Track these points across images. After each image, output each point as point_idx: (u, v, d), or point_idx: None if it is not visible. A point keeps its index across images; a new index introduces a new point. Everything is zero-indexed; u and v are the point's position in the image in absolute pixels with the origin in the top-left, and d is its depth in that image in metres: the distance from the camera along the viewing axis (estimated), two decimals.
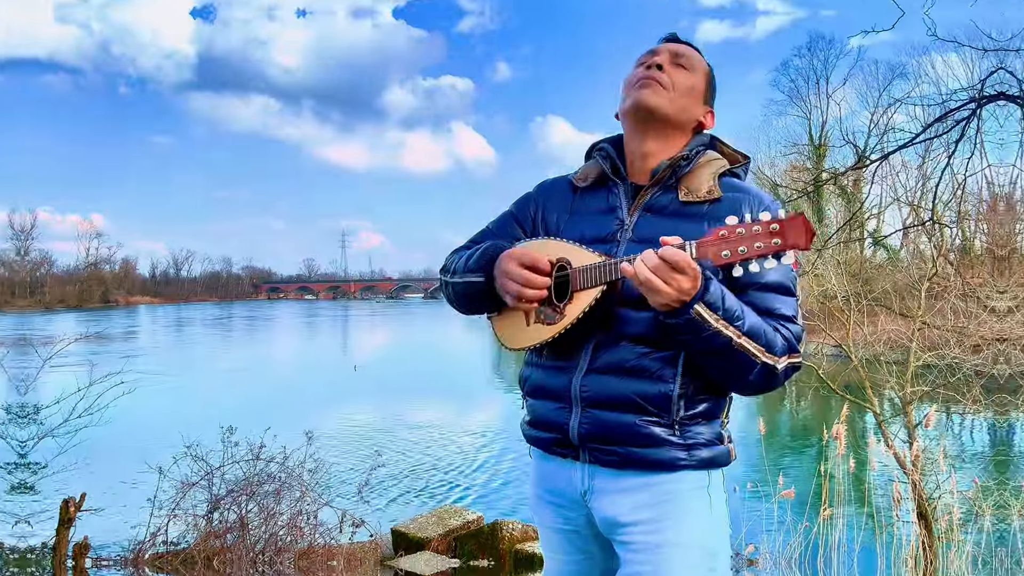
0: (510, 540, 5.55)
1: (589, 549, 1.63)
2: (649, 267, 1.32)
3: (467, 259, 1.65)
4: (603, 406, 1.49)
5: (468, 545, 5.72)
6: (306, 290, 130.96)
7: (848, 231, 8.74)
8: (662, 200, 1.56)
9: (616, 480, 1.51)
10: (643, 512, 1.48)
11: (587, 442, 1.51)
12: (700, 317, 1.35)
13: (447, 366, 24.81)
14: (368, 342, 39.17)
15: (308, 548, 5.38)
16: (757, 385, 1.45)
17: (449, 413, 15.31)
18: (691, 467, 1.48)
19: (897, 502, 4.70)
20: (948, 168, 4.90)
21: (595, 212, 1.62)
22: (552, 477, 1.62)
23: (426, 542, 5.70)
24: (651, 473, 1.48)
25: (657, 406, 1.46)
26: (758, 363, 1.40)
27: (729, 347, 1.38)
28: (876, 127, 27.99)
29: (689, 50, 1.63)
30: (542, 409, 1.60)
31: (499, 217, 1.79)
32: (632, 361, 1.48)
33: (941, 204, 6.36)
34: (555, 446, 1.58)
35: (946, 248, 7.09)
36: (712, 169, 1.57)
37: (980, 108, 4.63)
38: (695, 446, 1.48)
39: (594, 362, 1.51)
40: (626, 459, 1.48)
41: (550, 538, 1.68)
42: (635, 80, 1.58)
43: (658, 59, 1.58)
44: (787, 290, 1.49)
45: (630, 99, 1.57)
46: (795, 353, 1.46)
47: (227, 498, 5.39)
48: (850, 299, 5.88)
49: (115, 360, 8.17)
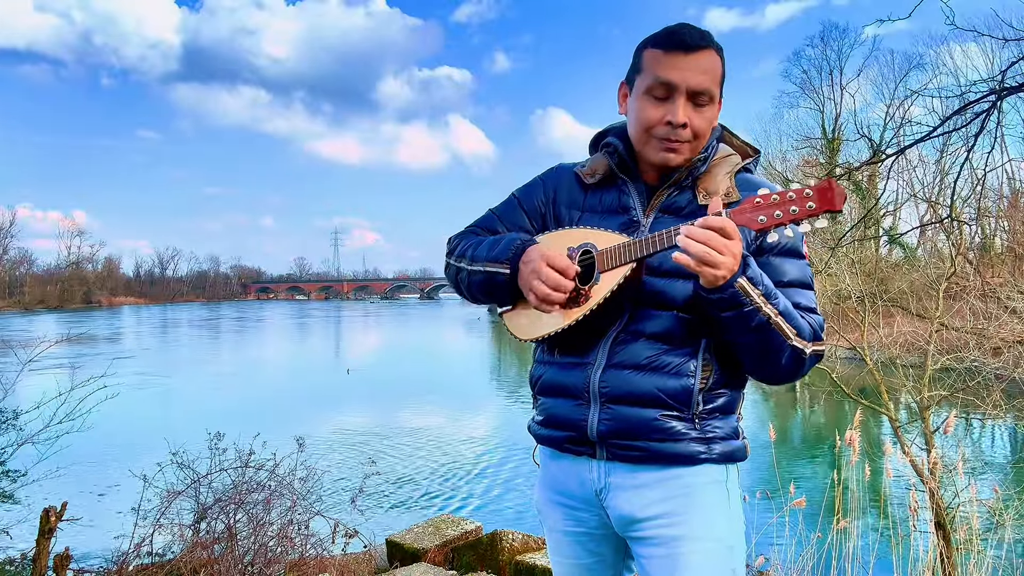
0: (510, 551, 5.38)
1: (600, 551, 1.63)
2: (700, 239, 1.32)
3: (490, 246, 1.63)
4: (623, 401, 1.50)
5: (466, 556, 5.57)
6: (297, 290, 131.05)
7: (863, 229, 8.66)
8: (679, 201, 1.57)
9: (633, 475, 1.52)
10: (661, 506, 1.50)
11: (607, 438, 1.52)
12: (743, 291, 1.36)
13: (444, 369, 24.77)
14: (361, 344, 39.11)
15: (299, 559, 5.25)
16: (786, 370, 1.46)
17: (446, 418, 15.22)
18: (711, 461, 1.51)
19: (914, 511, 4.58)
20: (967, 163, 4.79)
21: (608, 211, 1.62)
22: (563, 478, 1.63)
23: (422, 553, 5.55)
24: (670, 467, 1.50)
25: (678, 400, 1.49)
26: (788, 346, 1.42)
27: (767, 326, 1.39)
28: (892, 120, 28.09)
29: (706, 71, 1.49)
30: (557, 407, 1.60)
31: (505, 202, 1.78)
32: (652, 357, 1.50)
33: (960, 200, 6.23)
34: (569, 444, 1.58)
35: (965, 246, 6.99)
36: (727, 168, 1.58)
37: (1000, 100, 4.50)
38: (713, 440, 1.51)
39: (612, 358, 1.52)
40: (647, 454, 1.50)
41: (559, 541, 1.67)
42: (658, 136, 1.52)
43: (679, 114, 1.49)
44: (806, 285, 1.53)
45: (657, 156, 1.54)
46: (820, 341, 1.49)
47: (214, 507, 5.25)
48: (865, 299, 5.78)
49: (98, 363, 7.96)
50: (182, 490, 5.30)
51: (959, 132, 4.73)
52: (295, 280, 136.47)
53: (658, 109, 1.50)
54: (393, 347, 36.74)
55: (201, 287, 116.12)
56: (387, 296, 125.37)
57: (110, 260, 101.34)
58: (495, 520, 7.24)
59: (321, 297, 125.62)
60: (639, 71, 1.54)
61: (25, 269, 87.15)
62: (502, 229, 1.74)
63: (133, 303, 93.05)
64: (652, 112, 1.51)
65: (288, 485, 5.44)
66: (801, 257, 1.54)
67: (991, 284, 5.87)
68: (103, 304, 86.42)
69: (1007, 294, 5.35)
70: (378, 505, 7.95)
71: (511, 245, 1.58)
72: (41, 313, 67.19)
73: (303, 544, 5.30)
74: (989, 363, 5.24)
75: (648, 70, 1.51)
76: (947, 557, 4.46)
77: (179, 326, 51.50)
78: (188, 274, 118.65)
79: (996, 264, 9.87)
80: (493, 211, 1.78)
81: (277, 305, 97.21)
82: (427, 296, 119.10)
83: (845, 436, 4.76)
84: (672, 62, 1.47)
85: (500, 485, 9.40)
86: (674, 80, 1.47)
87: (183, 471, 5.35)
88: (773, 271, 1.49)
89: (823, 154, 32.09)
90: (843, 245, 5.88)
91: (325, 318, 65.13)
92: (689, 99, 1.49)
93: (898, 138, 8.34)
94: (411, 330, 48.59)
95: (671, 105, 1.49)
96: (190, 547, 5.17)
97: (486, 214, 1.78)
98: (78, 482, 6.61)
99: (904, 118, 16.03)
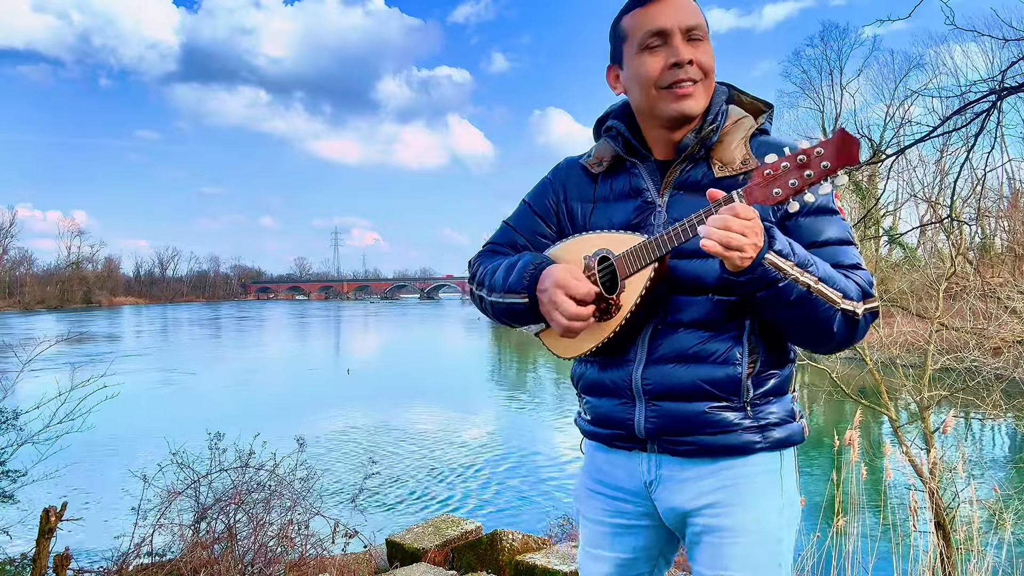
0: (511, 551, 5.36)
1: (634, 544, 1.58)
2: (721, 227, 1.27)
3: (505, 274, 1.56)
4: (669, 397, 1.45)
5: (466, 556, 5.55)
6: (297, 290, 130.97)
7: (863, 228, 8.62)
8: (695, 175, 1.49)
9: (684, 468, 1.48)
10: (710, 496, 1.46)
11: (656, 436, 1.48)
12: (774, 266, 1.30)
13: (444, 370, 24.74)
14: (362, 345, 39.07)
15: (299, 559, 5.24)
16: (842, 337, 1.39)
17: (446, 418, 15.20)
18: (765, 449, 1.46)
19: (914, 511, 4.56)
20: (967, 163, 4.79)
21: (621, 197, 1.56)
22: (611, 469, 1.59)
23: (422, 553, 5.52)
24: (723, 459, 1.46)
25: (726, 390, 1.43)
26: (837, 311, 1.35)
27: (807, 297, 1.33)
28: (892, 120, 28.07)
29: (689, 7, 1.47)
30: (602, 406, 1.56)
31: (517, 211, 1.73)
32: (695, 346, 1.44)
33: (960, 200, 6.22)
34: (619, 441, 1.55)
35: (965, 246, 6.97)
36: (741, 133, 1.50)
37: (1000, 100, 4.49)
38: (768, 426, 1.47)
39: (653, 352, 1.47)
40: (698, 448, 1.45)
41: (594, 532, 1.62)
42: (668, 83, 1.45)
43: (682, 51, 1.43)
44: (847, 241, 1.46)
45: (672, 108, 1.46)
46: (871, 298, 1.41)
47: (214, 507, 5.24)
48: None
49: (98, 363, 7.95)
50: (182, 490, 5.30)
51: (959, 132, 4.72)
52: (295, 280, 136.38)
53: (658, 58, 1.45)
54: (393, 347, 36.70)
55: (201, 287, 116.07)
56: (387, 296, 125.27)
57: (110, 260, 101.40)
58: (495, 520, 7.23)
59: (321, 297, 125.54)
60: (624, 39, 1.51)
61: (25, 269, 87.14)
62: (520, 239, 1.68)
63: (133, 303, 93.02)
64: (653, 63, 1.45)
65: (288, 485, 5.43)
66: (835, 213, 1.47)
67: (991, 284, 5.86)
68: (103, 304, 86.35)
69: (1007, 294, 5.34)
70: (378, 505, 7.93)
71: (524, 272, 1.51)
72: (41, 313, 67.14)
73: (303, 544, 5.29)
74: (989, 363, 5.23)
75: (634, 31, 1.48)
76: (947, 557, 4.45)
77: (179, 326, 51.45)
78: (188, 274, 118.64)
79: (996, 264, 9.85)
80: (508, 222, 1.73)
81: (277, 305, 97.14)
82: (427, 296, 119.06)
83: (845, 436, 4.74)
84: (655, 9, 1.45)
85: (500, 485, 9.38)
86: (665, 24, 1.44)
87: (183, 471, 5.34)
88: (808, 233, 1.43)
89: None
90: None
91: (325, 318, 65.08)
92: (684, 38, 1.44)
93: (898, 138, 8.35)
94: (411, 330, 48.52)
95: (670, 48, 1.44)
96: (190, 547, 5.16)
97: (502, 227, 1.73)
98: (78, 482, 6.59)
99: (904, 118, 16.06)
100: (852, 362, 7.43)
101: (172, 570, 5.09)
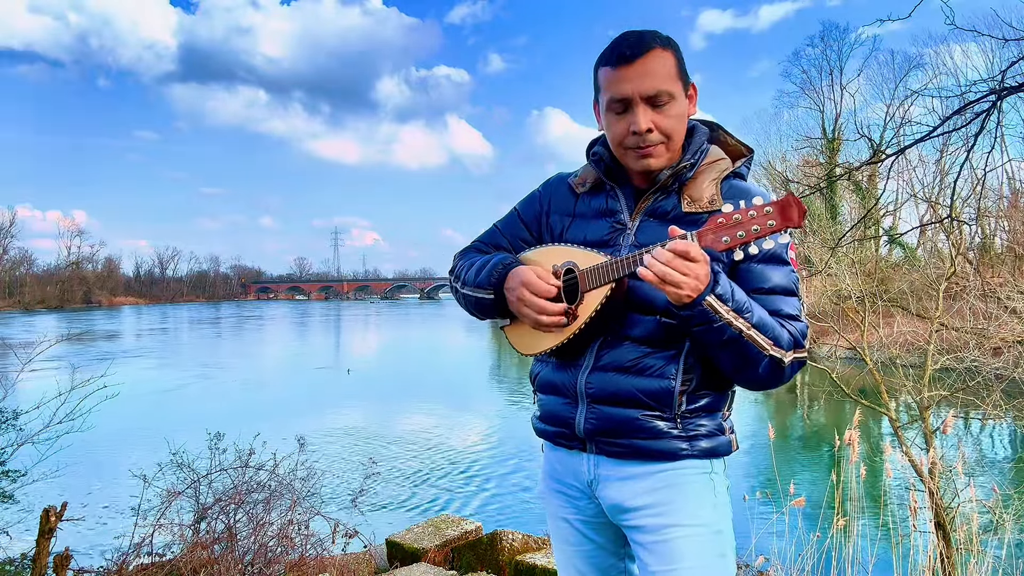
0: (510, 551, 5.36)
1: (597, 539, 1.70)
2: (662, 261, 1.38)
3: (477, 271, 1.71)
4: (607, 401, 1.58)
5: (466, 556, 5.55)
6: (297, 290, 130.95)
7: (863, 228, 8.64)
8: (665, 205, 1.61)
9: (620, 468, 1.59)
10: (648, 497, 1.57)
11: (593, 435, 1.60)
12: (712, 308, 1.41)
13: (444, 369, 24.73)
14: (362, 345, 39.04)
15: (299, 559, 5.23)
16: (765, 378, 1.50)
17: (446, 418, 15.19)
18: (693, 456, 1.57)
19: (914, 511, 4.57)
20: (967, 163, 4.77)
21: (596, 216, 1.67)
22: (561, 468, 1.71)
23: (422, 553, 5.52)
24: (654, 462, 1.57)
25: (659, 401, 1.55)
26: (766, 356, 1.47)
27: (739, 339, 1.44)
28: (892, 120, 28.09)
29: (654, 74, 1.51)
30: (550, 404, 1.69)
31: (507, 216, 1.85)
32: (635, 360, 1.56)
33: (960, 200, 6.20)
34: (561, 439, 1.68)
35: (965, 246, 6.97)
36: (715, 174, 1.61)
37: (1000, 100, 4.48)
38: (696, 437, 1.57)
39: (599, 360, 1.60)
40: (630, 450, 1.57)
41: (559, 527, 1.74)
42: (630, 147, 1.56)
43: (640, 122, 1.52)
44: (790, 291, 1.56)
45: (636, 165, 1.58)
46: (800, 348, 1.52)
47: (214, 507, 5.23)
48: (865, 299, 5.75)
49: (98, 363, 7.95)
50: (182, 490, 5.29)
51: (959, 132, 4.71)
52: (295, 280, 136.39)
53: (621, 122, 1.55)
54: (393, 347, 36.69)
55: (201, 287, 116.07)
56: (387, 296, 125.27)
57: (110, 260, 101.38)
58: (495, 520, 7.23)
59: (321, 297, 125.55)
60: (599, 90, 1.59)
61: (25, 269, 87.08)
62: (505, 243, 1.82)
63: (133, 303, 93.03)
64: (617, 127, 1.56)
65: (288, 485, 5.43)
66: (785, 263, 1.57)
67: (991, 284, 5.85)
68: (103, 304, 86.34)
69: (1007, 294, 5.32)
70: (378, 505, 7.92)
71: (493, 270, 1.67)
72: (41, 313, 67.12)
73: (303, 544, 5.28)
74: (989, 363, 5.23)
75: (604, 89, 1.56)
76: (947, 557, 4.45)
77: (179, 326, 51.42)
78: (188, 274, 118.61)
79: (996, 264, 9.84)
80: (496, 225, 1.85)
81: (277, 305, 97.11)
82: (427, 296, 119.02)
83: (845, 436, 4.75)
84: (620, 76, 1.52)
85: (500, 485, 9.36)
86: (625, 93, 1.52)
87: (183, 471, 5.35)
88: (756, 278, 1.54)
89: (823, 154, 32.08)
90: (843, 245, 5.88)
91: (325, 318, 65.07)
92: (647, 104, 1.52)
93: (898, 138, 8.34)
94: (411, 330, 48.53)
95: (631, 116, 1.53)
96: (190, 547, 5.15)
97: (490, 228, 1.86)
98: (78, 482, 6.58)
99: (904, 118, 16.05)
100: (852, 362, 7.43)
101: (172, 570, 5.08)
